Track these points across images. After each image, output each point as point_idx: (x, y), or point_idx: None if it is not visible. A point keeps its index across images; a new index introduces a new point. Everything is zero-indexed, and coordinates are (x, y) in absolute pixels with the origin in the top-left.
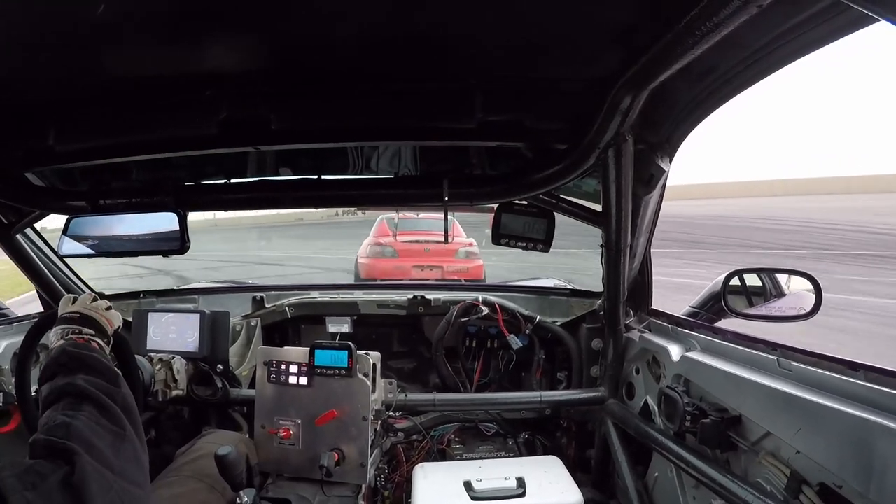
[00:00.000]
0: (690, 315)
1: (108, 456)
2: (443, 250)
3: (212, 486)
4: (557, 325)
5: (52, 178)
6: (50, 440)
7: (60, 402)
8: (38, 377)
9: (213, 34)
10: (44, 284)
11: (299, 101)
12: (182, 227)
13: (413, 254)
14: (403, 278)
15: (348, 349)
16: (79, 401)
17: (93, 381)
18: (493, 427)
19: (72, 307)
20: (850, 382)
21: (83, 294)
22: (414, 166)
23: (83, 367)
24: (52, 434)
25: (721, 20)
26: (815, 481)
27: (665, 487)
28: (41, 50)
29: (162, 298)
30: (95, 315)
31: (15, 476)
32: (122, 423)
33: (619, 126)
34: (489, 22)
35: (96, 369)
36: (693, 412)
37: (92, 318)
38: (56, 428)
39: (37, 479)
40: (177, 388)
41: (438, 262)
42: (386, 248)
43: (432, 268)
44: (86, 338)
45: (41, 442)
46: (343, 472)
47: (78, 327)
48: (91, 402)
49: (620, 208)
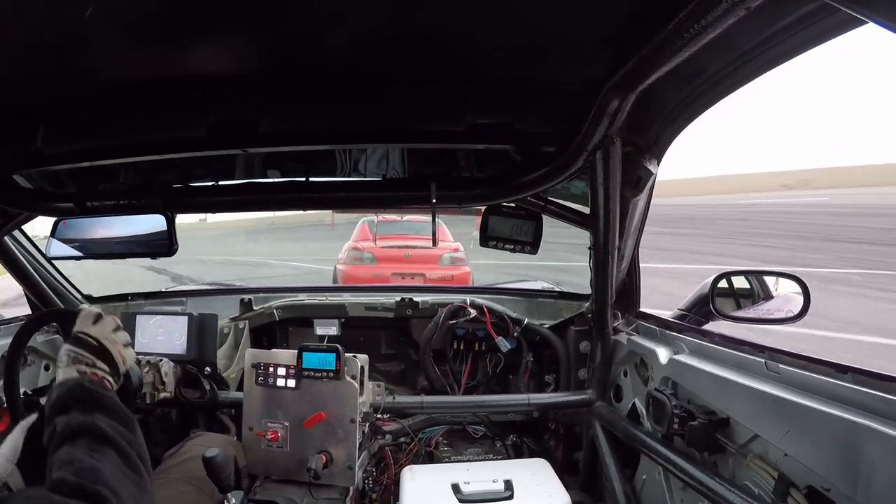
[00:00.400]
0: (678, 317)
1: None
2: (426, 256)
3: (200, 489)
4: (545, 328)
5: (40, 180)
6: (81, 484)
7: (79, 441)
8: (49, 404)
9: (202, 38)
10: (32, 287)
11: (287, 104)
12: (170, 229)
13: (393, 259)
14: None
15: (336, 352)
16: (100, 443)
17: (113, 426)
18: (481, 429)
19: (91, 329)
20: (838, 385)
21: (106, 317)
22: (402, 168)
23: (100, 408)
24: (83, 477)
25: (709, 22)
26: (803, 484)
27: (653, 490)
28: (29, 52)
29: (150, 301)
30: (113, 350)
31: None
32: (141, 473)
33: (607, 129)
34: (478, 26)
35: (115, 413)
36: (681, 415)
37: (108, 351)
38: (85, 471)
39: None
40: (165, 390)
41: (420, 269)
42: (365, 254)
43: (413, 275)
44: (99, 374)
45: (71, 483)
46: (331, 474)
47: (92, 359)
48: (113, 448)
49: (608, 211)
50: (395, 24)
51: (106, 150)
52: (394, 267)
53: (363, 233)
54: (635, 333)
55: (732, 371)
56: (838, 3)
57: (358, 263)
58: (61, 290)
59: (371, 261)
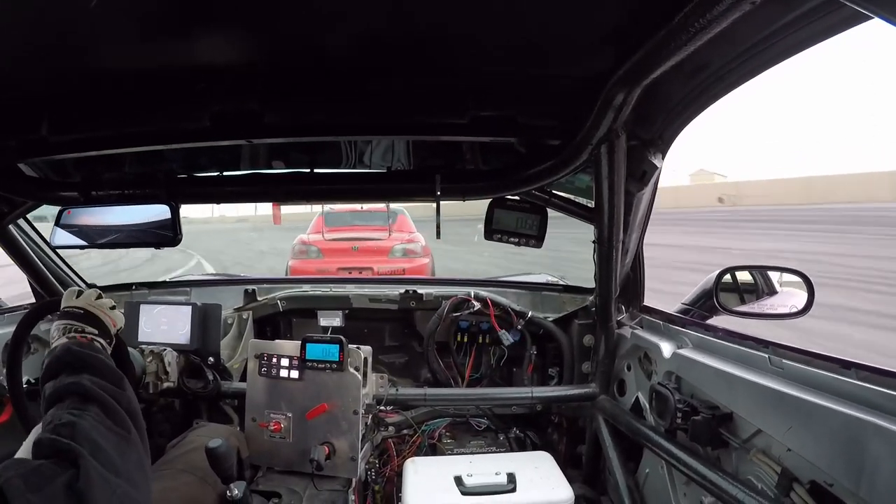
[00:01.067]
0: (682, 312)
1: (112, 459)
2: (374, 248)
3: (203, 479)
4: (549, 321)
5: (45, 169)
6: (55, 440)
7: (65, 402)
8: (41, 374)
9: (207, 28)
10: (36, 276)
11: (292, 95)
12: (174, 219)
13: (340, 253)
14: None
15: (340, 343)
16: (84, 401)
17: (98, 383)
18: (485, 422)
19: (75, 301)
20: (842, 380)
21: (88, 290)
22: (407, 161)
23: (88, 368)
24: (58, 433)
25: (714, 17)
26: (806, 479)
27: (656, 484)
28: (34, 41)
29: (154, 290)
30: (100, 314)
31: (20, 476)
32: (126, 426)
33: (612, 122)
34: (483, 19)
35: (102, 371)
36: (684, 409)
37: (96, 316)
38: (62, 427)
39: (42, 481)
40: (168, 380)
41: (368, 263)
42: (311, 248)
43: (361, 269)
44: (89, 337)
45: (46, 441)
46: (334, 465)
47: (81, 325)
48: (97, 403)
49: (613, 204)
50: (399, 19)
51: (110, 140)
52: (340, 261)
53: (316, 225)
54: (639, 327)
55: (736, 366)
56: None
57: (304, 258)
58: (65, 278)
59: (317, 254)
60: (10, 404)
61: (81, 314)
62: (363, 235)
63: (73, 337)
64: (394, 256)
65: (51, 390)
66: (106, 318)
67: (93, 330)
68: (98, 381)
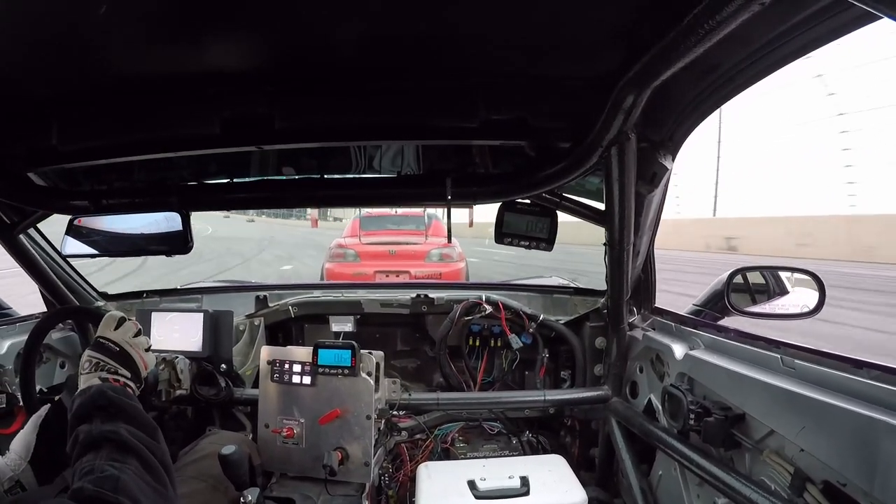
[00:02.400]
0: (694, 313)
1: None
2: (411, 253)
3: (215, 487)
4: (561, 324)
5: (55, 178)
6: (100, 493)
7: (102, 450)
8: (71, 414)
9: (216, 34)
10: (47, 285)
11: (302, 100)
12: (185, 226)
13: (377, 257)
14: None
15: (352, 348)
16: (123, 452)
17: (136, 433)
18: (497, 426)
19: (113, 335)
20: (854, 380)
21: (127, 322)
22: (417, 165)
23: (124, 415)
24: (102, 486)
25: (723, 18)
26: (819, 479)
27: (669, 485)
28: (44, 49)
29: (165, 298)
30: (135, 354)
31: None
32: (164, 482)
33: (622, 124)
34: (493, 21)
35: (138, 420)
36: (697, 410)
37: (130, 356)
38: (105, 479)
39: None
40: (180, 387)
41: (405, 267)
42: (348, 251)
43: (398, 273)
44: (122, 381)
45: (89, 492)
46: (347, 471)
47: (115, 365)
48: (135, 456)
49: (623, 206)
50: (408, 21)
51: (121, 148)
52: (377, 265)
53: (352, 229)
54: (651, 329)
55: (748, 366)
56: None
57: (341, 261)
58: (76, 287)
59: (354, 258)
60: (22, 413)
61: (116, 352)
62: (400, 239)
63: (105, 378)
64: (430, 261)
65: (85, 434)
66: (140, 360)
67: (126, 373)
68: (135, 432)
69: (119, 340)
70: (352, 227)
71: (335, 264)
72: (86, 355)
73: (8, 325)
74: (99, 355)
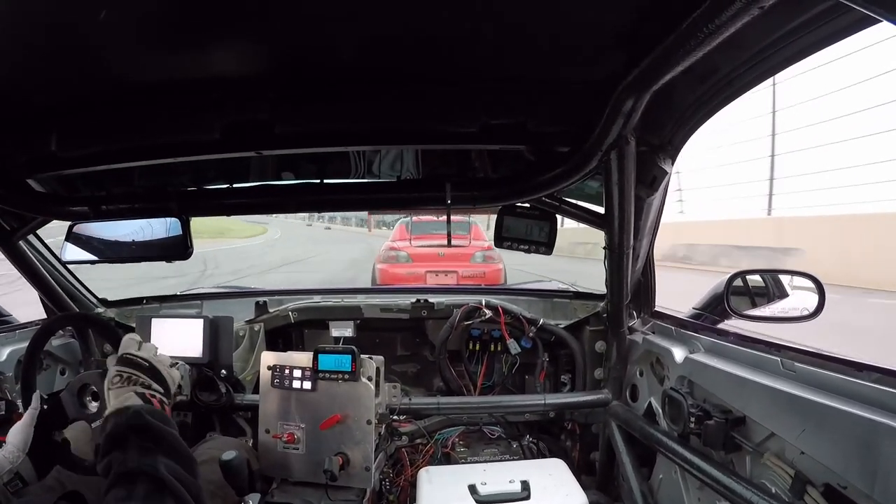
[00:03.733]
0: (694, 316)
1: None
2: (458, 254)
3: (214, 493)
4: (561, 328)
5: (54, 185)
6: None
7: (137, 485)
8: (104, 434)
9: (215, 40)
10: (47, 291)
11: (302, 106)
12: (185, 232)
13: (427, 258)
14: (419, 284)
15: (352, 353)
16: (160, 491)
17: (174, 469)
18: (498, 430)
19: (139, 352)
20: (855, 383)
21: (147, 343)
22: (416, 170)
23: (162, 446)
24: None
25: (723, 22)
26: (820, 482)
27: (670, 489)
28: (43, 55)
29: (165, 304)
30: (163, 371)
31: None
32: None
33: (621, 128)
34: (490, 26)
35: (177, 453)
36: (697, 414)
37: (160, 372)
38: None
39: None
40: (181, 393)
41: (453, 267)
42: (400, 253)
43: (447, 273)
44: (157, 397)
45: None
46: (347, 476)
47: (147, 380)
48: (173, 498)
49: (623, 210)
50: (407, 26)
51: (120, 154)
52: (428, 265)
53: (400, 233)
54: (651, 333)
55: (748, 370)
56: (852, 2)
57: (394, 262)
58: (76, 293)
59: (406, 259)
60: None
61: (146, 367)
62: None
63: (141, 394)
64: (475, 261)
65: (120, 464)
66: (169, 378)
67: (158, 388)
68: (173, 468)
69: (147, 357)
70: (399, 232)
71: (388, 265)
72: (114, 370)
73: (8, 332)
74: (130, 370)
